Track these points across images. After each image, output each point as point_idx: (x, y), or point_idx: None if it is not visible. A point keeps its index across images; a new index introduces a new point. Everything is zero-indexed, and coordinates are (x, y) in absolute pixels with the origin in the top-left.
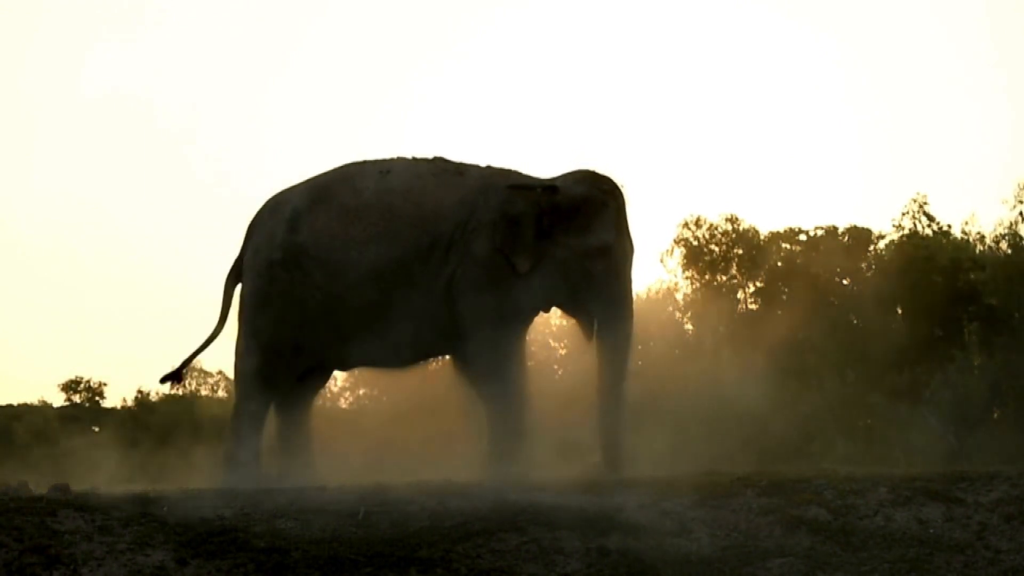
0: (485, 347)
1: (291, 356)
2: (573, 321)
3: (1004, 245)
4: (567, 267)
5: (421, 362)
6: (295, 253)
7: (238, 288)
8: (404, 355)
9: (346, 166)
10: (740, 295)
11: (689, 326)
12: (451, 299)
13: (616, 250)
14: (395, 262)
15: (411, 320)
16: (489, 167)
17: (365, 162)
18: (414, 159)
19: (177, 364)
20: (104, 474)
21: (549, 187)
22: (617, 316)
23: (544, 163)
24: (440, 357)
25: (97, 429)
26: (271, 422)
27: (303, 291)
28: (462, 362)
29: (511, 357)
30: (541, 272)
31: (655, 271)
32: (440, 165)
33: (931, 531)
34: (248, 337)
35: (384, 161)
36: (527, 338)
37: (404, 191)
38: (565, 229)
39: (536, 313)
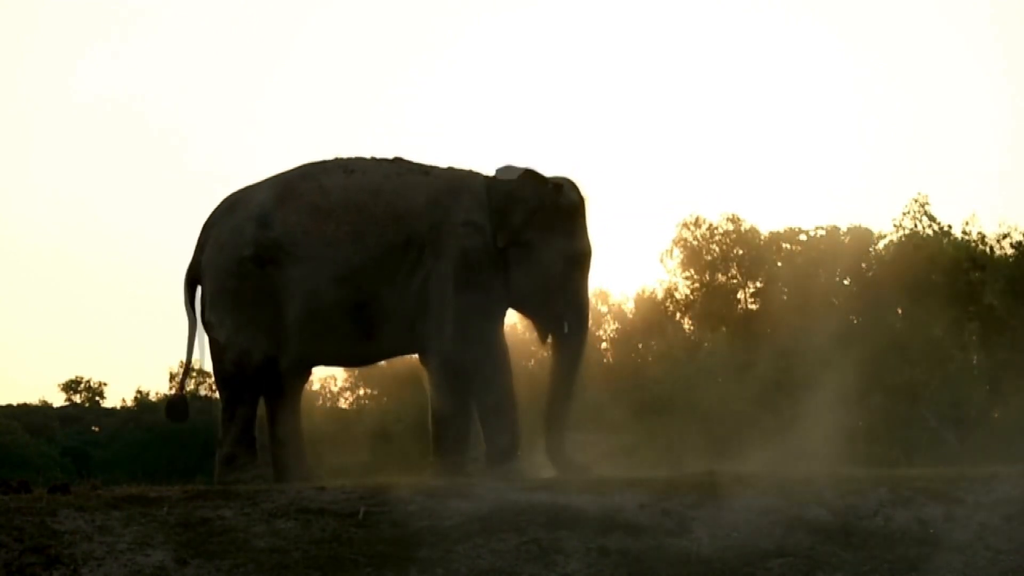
0: (468, 345)
1: (268, 353)
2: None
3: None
4: (550, 269)
5: (387, 359)
6: (268, 249)
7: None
8: (373, 352)
9: (307, 165)
10: (740, 295)
11: (688, 326)
12: (424, 299)
13: (590, 260)
14: (369, 260)
15: (383, 317)
16: (451, 168)
17: (326, 161)
18: (375, 159)
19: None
20: (104, 474)
21: (558, 185)
22: (583, 325)
23: (545, 163)
24: (410, 355)
25: (97, 429)
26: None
27: (277, 287)
28: (435, 361)
29: (495, 354)
30: (522, 270)
31: (655, 271)
32: (404, 165)
33: (931, 531)
34: (223, 337)
35: (346, 160)
36: (527, 337)
37: (373, 190)
38: (557, 231)
39: (506, 310)
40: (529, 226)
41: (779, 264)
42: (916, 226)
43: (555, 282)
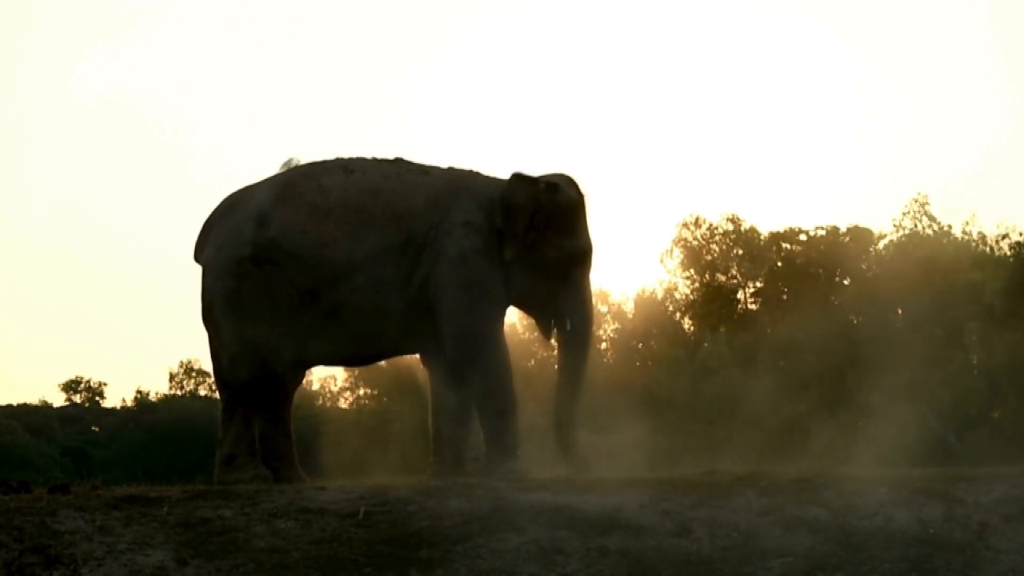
0: (468, 345)
1: (267, 353)
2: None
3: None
4: (552, 267)
5: (387, 359)
6: (266, 249)
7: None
8: (372, 352)
9: (307, 165)
10: (740, 295)
11: (688, 326)
12: (423, 301)
13: (591, 256)
14: (368, 260)
15: (381, 317)
16: (451, 168)
17: (326, 161)
18: (375, 159)
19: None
20: (104, 474)
21: (551, 184)
22: (587, 322)
23: (543, 163)
24: (410, 355)
25: (97, 429)
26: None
27: (275, 286)
28: (435, 361)
29: (496, 354)
30: (524, 269)
31: (655, 271)
32: (404, 165)
33: (931, 531)
34: (222, 337)
35: (346, 160)
36: (527, 337)
37: (373, 191)
38: (557, 230)
39: (506, 310)
40: (530, 229)
41: (779, 264)
42: (916, 226)
43: (557, 280)
